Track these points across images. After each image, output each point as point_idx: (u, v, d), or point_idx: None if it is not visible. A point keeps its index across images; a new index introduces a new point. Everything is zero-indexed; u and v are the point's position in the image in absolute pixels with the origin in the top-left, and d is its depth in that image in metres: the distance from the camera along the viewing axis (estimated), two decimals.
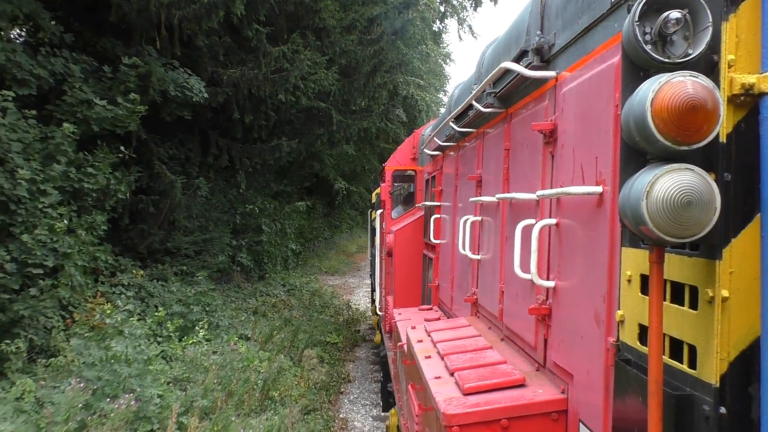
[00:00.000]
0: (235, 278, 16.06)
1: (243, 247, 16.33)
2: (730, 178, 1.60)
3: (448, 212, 6.15)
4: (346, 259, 32.32)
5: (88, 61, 9.30)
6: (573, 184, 2.64)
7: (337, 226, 34.40)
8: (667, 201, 1.48)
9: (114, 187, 9.32)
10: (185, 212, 12.69)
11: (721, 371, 1.60)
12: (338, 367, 11.92)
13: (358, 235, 39.61)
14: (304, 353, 11.44)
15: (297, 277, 20.84)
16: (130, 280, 10.21)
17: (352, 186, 29.54)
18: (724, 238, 1.60)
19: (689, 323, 1.73)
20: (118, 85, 9.39)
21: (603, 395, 2.28)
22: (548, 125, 2.98)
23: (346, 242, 37.31)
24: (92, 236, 8.79)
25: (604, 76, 2.38)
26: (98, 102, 8.83)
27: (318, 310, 16.41)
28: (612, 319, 2.23)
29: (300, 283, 19.68)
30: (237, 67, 12.18)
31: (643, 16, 1.60)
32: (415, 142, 9.40)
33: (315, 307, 16.77)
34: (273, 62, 12.11)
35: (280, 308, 15.51)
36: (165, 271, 11.56)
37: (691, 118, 1.46)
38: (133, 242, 11.46)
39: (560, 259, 2.85)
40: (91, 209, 9.00)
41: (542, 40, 3.12)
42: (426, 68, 30.10)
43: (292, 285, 18.93)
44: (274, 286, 17.82)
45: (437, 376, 3.26)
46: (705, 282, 1.66)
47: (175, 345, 9.27)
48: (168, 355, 8.91)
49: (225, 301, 13.49)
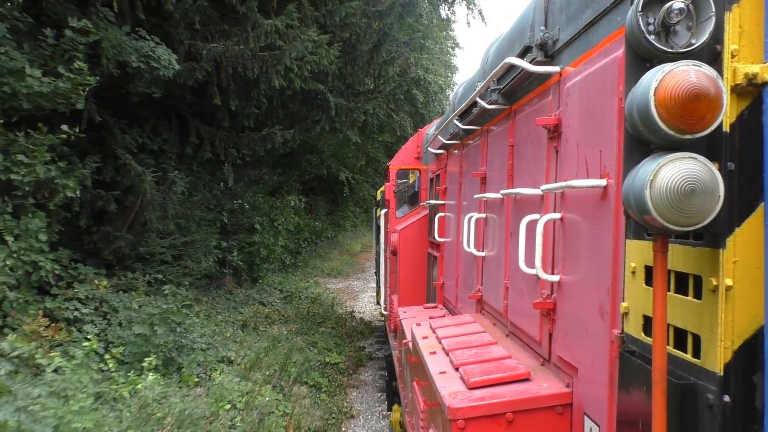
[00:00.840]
0: (227, 283, 14.45)
1: (234, 248, 14.64)
2: (733, 168, 1.61)
3: (453, 210, 6.16)
4: (350, 260, 30.62)
5: (21, 18, 7.30)
6: (577, 178, 2.65)
7: (340, 224, 32.83)
8: (670, 189, 1.48)
9: (60, 181, 7.35)
10: (159, 211, 10.75)
11: (725, 360, 1.61)
12: (339, 398, 10.08)
13: (363, 233, 37.91)
14: (298, 387, 9.54)
15: (295, 281, 19.18)
16: (89, 293, 8.13)
17: (357, 177, 27.90)
18: (728, 227, 1.61)
19: (693, 313, 1.74)
20: (61, 54, 7.41)
21: (608, 388, 2.29)
22: (552, 120, 2.99)
23: (350, 241, 35.42)
24: (35, 241, 6.98)
25: (607, 70, 2.39)
26: (32, 72, 6.82)
27: (317, 321, 14.58)
28: (616, 312, 2.24)
29: (298, 288, 17.94)
30: (219, 41, 10.16)
31: (647, 6, 1.60)
32: (419, 141, 9.42)
33: (314, 317, 14.86)
34: (263, 37, 10.11)
35: (274, 320, 13.57)
36: (135, 280, 9.55)
37: (694, 107, 1.47)
38: (97, 247, 9.56)
39: (565, 253, 2.86)
40: (32, 209, 7.20)
41: (546, 36, 3.12)
42: (436, 48, 28.00)
43: (289, 291, 17.14)
44: (270, 292, 16.08)
45: (442, 371, 3.27)
46: (709, 271, 1.67)
47: (118, 386, 6.67)
48: (111, 398, 6.39)
49: (210, 314, 11.56)
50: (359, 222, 37.17)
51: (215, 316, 11.76)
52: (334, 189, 26.99)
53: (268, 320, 13.35)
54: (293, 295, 16.91)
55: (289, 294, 16.84)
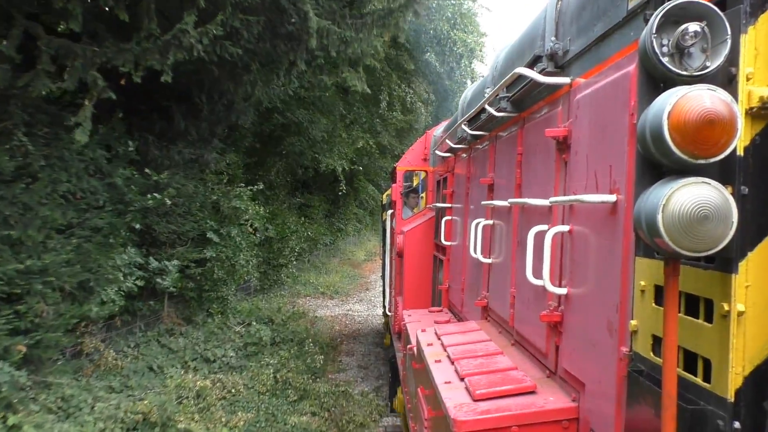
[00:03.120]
0: (165, 320, 10.07)
1: (169, 269, 9.64)
2: (747, 192, 1.59)
3: (459, 214, 6.14)
4: (352, 271, 24.74)
5: None
6: (586, 191, 2.63)
7: (341, 228, 27.46)
8: (683, 215, 1.47)
9: None
10: None
11: (736, 386, 1.59)
12: None
13: (368, 238, 33.43)
14: None
15: (274, 309, 13.51)
16: None
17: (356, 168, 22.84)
18: (741, 251, 1.59)
19: (704, 337, 1.72)
20: None
21: (615, 405, 2.27)
22: (562, 131, 2.97)
23: (352, 248, 30.45)
24: None
25: (619, 84, 2.37)
26: None
27: (291, 401, 9.10)
28: (625, 329, 2.22)
29: (273, 327, 12.26)
30: None
31: (661, 28, 1.58)
32: (427, 142, 9.41)
33: (285, 393, 9.31)
34: None
35: (212, 402, 8.11)
36: None
37: (708, 133, 1.45)
38: None
39: (573, 267, 2.84)
40: None
41: (556, 46, 3.10)
42: None
43: (256, 332, 11.38)
44: (225, 334, 10.78)
45: (447, 380, 3.26)
46: (720, 296, 1.65)
47: None
48: None
49: (95, 397, 7.07)
50: (363, 226, 32.56)
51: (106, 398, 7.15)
52: (335, 187, 22.06)
53: (200, 402, 8.04)
54: (261, 343, 11.20)
55: (255, 342, 11.14)
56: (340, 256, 27.25)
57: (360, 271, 25.62)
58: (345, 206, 27.40)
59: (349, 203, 27.97)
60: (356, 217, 30.38)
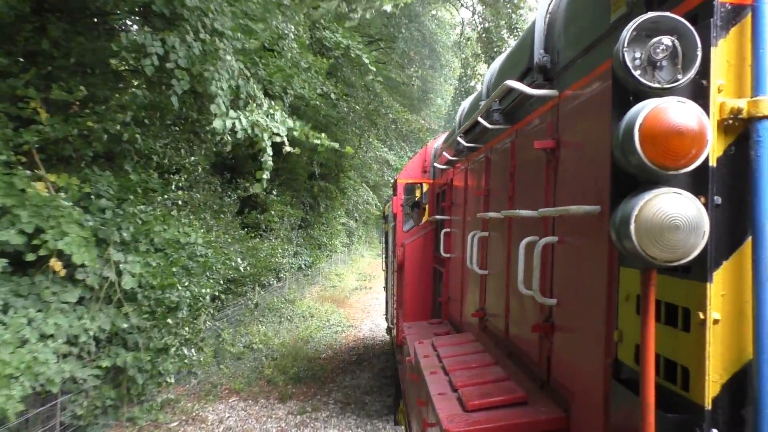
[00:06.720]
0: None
1: None
2: (720, 202, 1.61)
3: (458, 227, 6.17)
4: (336, 311, 15.41)
5: None
6: (574, 202, 2.66)
7: (322, 244, 18.56)
8: (655, 225, 1.49)
9: None
10: None
11: (713, 394, 1.61)
12: None
13: (360, 253, 24.71)
14: None
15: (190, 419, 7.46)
16: None
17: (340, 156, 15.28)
18: (715, 261, 1.61)
19: (682, 345, 1.73)
20: None
21: (602, 415, 2.28)
22: (550, 143, 3.00)
23: (340, 269, 21.63)
24: None
25: (603, 96, 2.40)
26: None
27: None
28: (610, 338, 2.23)
29: None
30: None
31: (633, 41, 1.62)
32: (426, 155, 9.46)
33: None
34: None
35: None
36: None
37: (678, 144, 1.48)
38: None
39: (562, 277, 2.86)
40: None
41: (545, 59, 3.15)
42: None
43: None
44: None
45: (441, 392, 3.27)
46: (697, 304, 1.67)
47: None
48: None
49: None
50: (355, 240, 24.16)
51: None
52: (313, 187, 15.33)
53: None
54: None
55: None
56: (322, 282, 18.98)
57: (348, 307, 16.25)
58: (328, 213, 19.45)
59: (334, 209, 20.05)
60: (345, 229, 22.25)
